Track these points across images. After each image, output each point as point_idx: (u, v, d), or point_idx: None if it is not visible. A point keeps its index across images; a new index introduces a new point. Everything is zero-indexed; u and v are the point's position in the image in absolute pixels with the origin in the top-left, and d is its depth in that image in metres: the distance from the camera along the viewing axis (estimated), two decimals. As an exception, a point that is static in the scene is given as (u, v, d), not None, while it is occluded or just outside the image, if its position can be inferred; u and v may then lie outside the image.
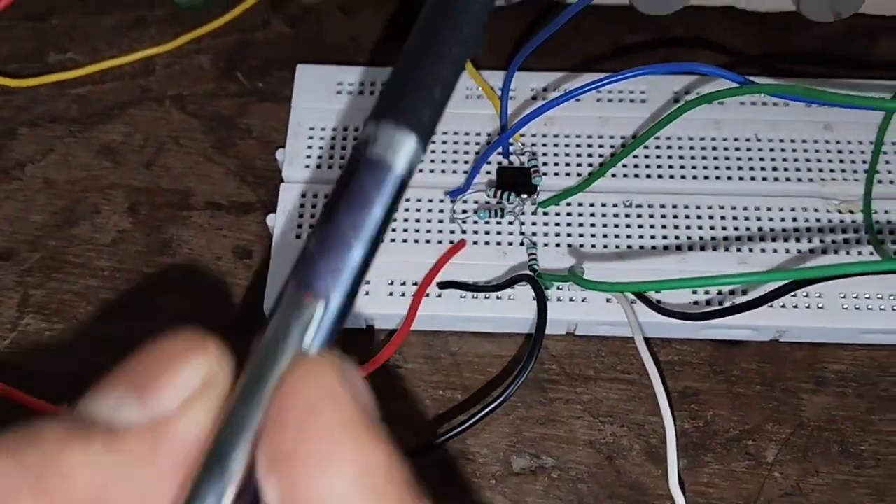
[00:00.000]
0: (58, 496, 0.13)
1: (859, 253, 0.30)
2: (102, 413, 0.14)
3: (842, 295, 0.29)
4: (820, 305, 0.29)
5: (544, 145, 0.32)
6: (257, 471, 0.14)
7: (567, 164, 0.31)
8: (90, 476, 0.13)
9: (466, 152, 0.32)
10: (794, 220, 0.30)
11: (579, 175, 0.31)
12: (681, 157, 0.31)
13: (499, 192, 0.30)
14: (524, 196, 0.30)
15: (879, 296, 0.29)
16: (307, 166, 0.31)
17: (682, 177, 0.31)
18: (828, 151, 0.31)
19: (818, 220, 0.30)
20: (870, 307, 0.29)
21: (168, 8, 0.36)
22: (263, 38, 0.36)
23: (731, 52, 0.35)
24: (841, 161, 0.31)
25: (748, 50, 0.35)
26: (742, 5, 0.34)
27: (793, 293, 0.28)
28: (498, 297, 0.29)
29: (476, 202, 0.31)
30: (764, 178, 0.31)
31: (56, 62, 0.35)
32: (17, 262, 0.31)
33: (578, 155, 0.32)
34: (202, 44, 0.35)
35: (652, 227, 0.30)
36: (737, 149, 0.32)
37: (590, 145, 0.32)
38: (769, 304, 0.26)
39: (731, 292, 0.29)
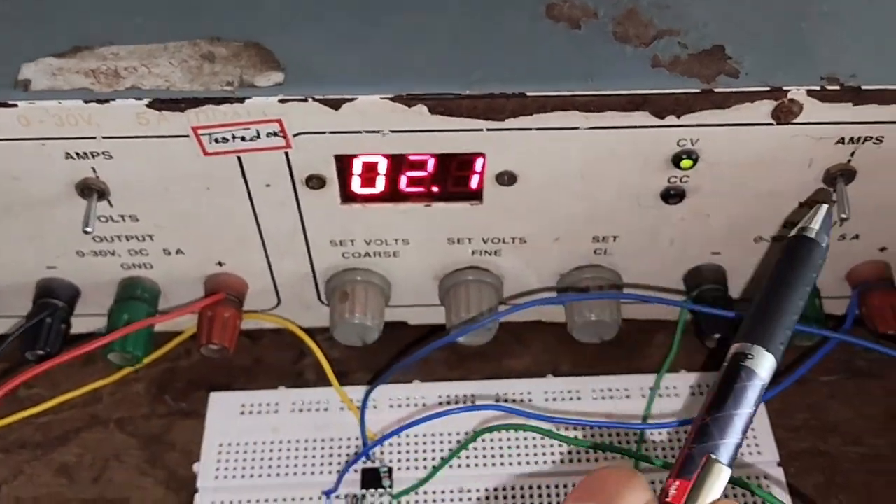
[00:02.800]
0: None
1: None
2: None
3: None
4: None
5: (399, 445, 0.42)
6: None
7: (416, 460, 0.42)
8: None
9: (339, 455, 0.42)
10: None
11: (425, 467, 0.41)
12: (506, 448, 0.42)
13: (362, 490, 0.41)
14: (381, 490, 0.41)
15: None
16: (216, 477, 0.41)
17: (507, 464, 0.41)
18: (610, 438, 0.42)
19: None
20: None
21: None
22: (186, 365, 0.46)
23: (541, 353, 0.47)
24: (619, 445, 0.42)
25: (553, 352, 0.47)
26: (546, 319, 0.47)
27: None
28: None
29: (346, 496, 0.41)
30: (571, 461, 0.42)
31: (25, 397, 0.45)
32: (-8, 571, 0.39)
33: (426, 451, 0.42)
34: (139, 374, 0.46)
35: (479, 507, 0.40)
36: (545, 438, 0.42)
37: (433, 442, 0.42)
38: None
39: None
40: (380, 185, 0.38)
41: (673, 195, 0.38)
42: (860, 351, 0.47)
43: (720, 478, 0.26)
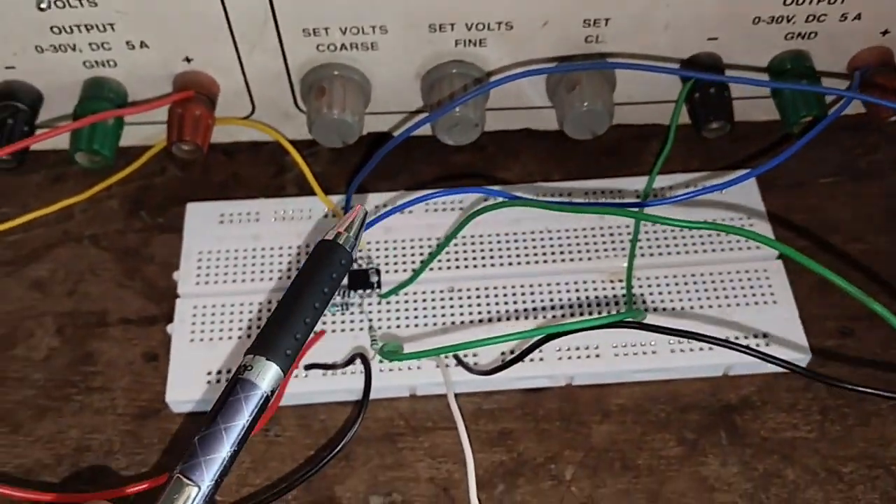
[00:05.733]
0: None
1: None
2: None
3: (614, 345, 0.38)
4: (598, 354, 0.38)
5: (386, 249, 0.41)
6: None
7: (403, 263, 0.40)
8: None
9: (323, 261, 0.40)
10: (577, 290, 0.39)
11: (412, 270, 0.40)
12: (490, 249, 0.41)
13: (350, 291, 0.39)
14: (369, 291, 0.39)
15: (642, 343, 0.38)
16: (197, 283, 0.40)
17: (492, 265, 0.40)
18: (602, 236, 0.41)
19: (595, 290, 0.39)
20: (636, 353, 0.38)
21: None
22: (161, 182, 0.44)
23: (532, 164, 0.45)
24: (612, 243, 0.41)
25: (545, 162, 0.45)
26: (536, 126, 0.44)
27: (577, 347, 0.38)
28: (352, 373, 0.37)
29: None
30: (553, 261, 0.40)
31: (-8, 217, 0.43)
32: (-33, 382, 0.38)
33: (413, 255, 0.41)
34: (112, 191, 0.44)
35: (469, 305, 0.39)
36: (532, 239, 0.41)
37: (421, 246, 0.41)
38: (552, 357, 0.35)
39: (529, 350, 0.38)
40: (353, -46, 0.35)
41: (667, -36, 0.36)
42: (860, 153, 0.45)
43: (189, 497, 0.25)
